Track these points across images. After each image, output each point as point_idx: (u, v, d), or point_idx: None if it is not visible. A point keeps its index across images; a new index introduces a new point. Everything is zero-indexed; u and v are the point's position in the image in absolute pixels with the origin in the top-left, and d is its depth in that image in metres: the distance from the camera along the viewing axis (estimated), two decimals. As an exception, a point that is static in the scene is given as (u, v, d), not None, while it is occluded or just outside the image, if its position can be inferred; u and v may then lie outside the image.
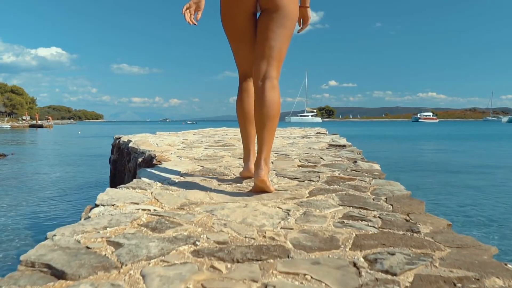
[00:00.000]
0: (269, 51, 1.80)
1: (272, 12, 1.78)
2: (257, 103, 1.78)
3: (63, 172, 8.08)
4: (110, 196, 1.60)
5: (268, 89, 1.76)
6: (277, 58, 1.82)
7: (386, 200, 1.74)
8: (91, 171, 8.06)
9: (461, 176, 7.63)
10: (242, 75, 2.03)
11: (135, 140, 3.61)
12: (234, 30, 1.90)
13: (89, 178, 7.01)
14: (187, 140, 3.94)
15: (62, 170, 8.47)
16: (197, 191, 1.79)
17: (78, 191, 5.95)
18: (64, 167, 8.88)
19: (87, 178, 7.11)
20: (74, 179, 7.16)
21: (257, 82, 1.81)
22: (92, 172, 7.79)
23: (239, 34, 1.90)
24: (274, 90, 1.78)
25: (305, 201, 1.67)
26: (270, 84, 1.77)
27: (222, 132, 5.87)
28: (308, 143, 3.90)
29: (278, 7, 1.76)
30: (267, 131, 1.75)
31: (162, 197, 1.66)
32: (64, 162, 10.11)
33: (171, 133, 5.88)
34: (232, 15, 1.86)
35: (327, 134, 5.35)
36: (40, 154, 12.72)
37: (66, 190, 6.00)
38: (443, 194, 5.78)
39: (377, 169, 2.45)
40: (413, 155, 11.33)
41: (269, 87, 1.77)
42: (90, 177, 7.11)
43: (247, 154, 2.06)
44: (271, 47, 1.80)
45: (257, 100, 1.79)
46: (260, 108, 1.75)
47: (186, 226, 1.30)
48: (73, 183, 6.74)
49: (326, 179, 2.12)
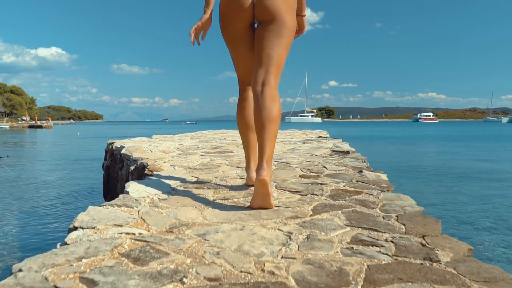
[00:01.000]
0: (267, 59, 1.81)
1: (268, 23, 1.81)
2: (256, 108, 1.76)
3: (57, 177, 7.89)
4: (91, 217, 1.44)
5: (267, 95, 1.75)
6: (275, 66, 1.82)
7: (397, 219, 1.58)
8: (86, 176, 7.86)
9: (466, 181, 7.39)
10: (242, 83, 2.03)
11: (128, 146, 3.45)
12: (233, 39, 1.91)
13: (83, 184, 6.82)
14: (183, 146, 3.77)
15: (56, 175, 8.27)
16: (189, 208, 1.63)
17: (70, 199, 5.73)
18: (59, 172, 8.68)
19: (81, 184, 6.91)
20: (67, 185, 6.96)
21: (255, 89, 1.80)
22: (87, 178, 7.58)
23: (238, 43, 1.91)
24: (274, 97, 1.77)
25: (308, 220, 1.51)
26: (269, 90, 1.76)
27: (220, 136, 5.71)
28: (309, 149, 3.73)
29: (275, 18, 1.79)
30: (267, 134, 1.71)
31: (150, 216, 1.50)
32: (59, 166, 9.91)
33: (168, 136, 5.72)
34: (230, 25, 1.87)
35: (329, 138, 5.19)
36: (36, 156, 12.53)
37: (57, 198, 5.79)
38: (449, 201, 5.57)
39: (385, 180, 2.29)
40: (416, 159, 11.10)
41: (267, 93, 1.76)
42: (84, 183, 6.91)
43: (249, 162, 2.04)
44: (268, 56, 1.81)
45: (256, 105, 1.77)
46: (260, 112, 1.74)
47: (174, 256, 1.14)
48: (66, 189, 6.54)
49: (330, 192, 1.96)
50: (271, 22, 1.80)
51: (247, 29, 1.89)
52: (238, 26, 1.87)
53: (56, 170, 9.03)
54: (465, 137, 26.00)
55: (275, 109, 1.75)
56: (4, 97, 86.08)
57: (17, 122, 67.74)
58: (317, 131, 7.57)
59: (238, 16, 1.84)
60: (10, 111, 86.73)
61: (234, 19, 1.85)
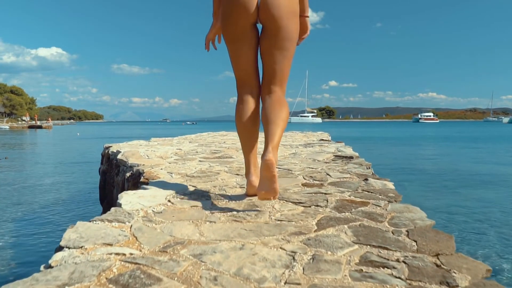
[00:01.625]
0: (273, 73, 1.90)
1: (273, 34, 1.83)
2: (264, 110, 1.86)
3: (54, 181, 7.71)
4: (79, 234, 1.33)
5: (274, 100, 1.88)
6: (281, 79, 1.92)
7: (408, 234, 1.47)
8: (83, 180, 7.66)
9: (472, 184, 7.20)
10: (241, 85, 1.98)
11: (125, 152, 3.34)
12: (234, 38, 1.88)
13: (80, 189, 6.65)
14: (181, 151, 3.67)
15: (53, 178, 8.10)
16: (185, 223, 1.53)
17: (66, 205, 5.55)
18: (56, 175, 8.51)
19: (78, 188, 6.74)
20: (64, 189, 6.79)
21: (264, 97, 1.92)
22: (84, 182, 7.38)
23: (239, 42, 1.89)
24: (281, 101, 1.88)
25: (313, 237, 1.40)
26: (276, 98, 1.89)
27: (219, 139, 5.60)
28: (311, 154, 3.63)
29: (279, 28, 1.80)
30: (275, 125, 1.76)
31: (143, 233, 1.39)
32: (57, 169, 9.74)
33: (166, 139, 5.61)
34: (233, 24, 1.84)
35: (331, 141, 5.08)
36: (34, 159, 12.37)
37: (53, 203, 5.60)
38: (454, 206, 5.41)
39: (391, 189, 2.18)
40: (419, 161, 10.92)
41: (275, 99, 1.88)
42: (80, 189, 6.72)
43: (248, 167, 1.98)
44: (274, 71, 1.89)
45: (264, 108, 1.88)
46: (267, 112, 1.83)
47: (166, 282, 1.03)
48: (63, 194, 6.37)
49: (335, 203, 1.86)
50: (276, 33, 1.82)
51: (250, 28, 1.86)
52: (241, 25, 1.83)
53: (53, 173, 8.87)
54: (467, 138, 25.84)
55: (283, 111, 1.84)
56: (4, 97, 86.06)
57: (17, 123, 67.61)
58: (318, 133, 7.47)
59: (241, 16, 1.81)
60: (10, 111, 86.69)
61: (237, 18, 1.82)
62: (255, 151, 2.00)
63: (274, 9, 1.76)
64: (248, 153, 1.97)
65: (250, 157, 1.97)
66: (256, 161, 1.99)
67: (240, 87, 1.98)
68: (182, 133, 7.40)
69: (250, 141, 1.97)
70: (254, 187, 1.89)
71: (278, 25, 1.79)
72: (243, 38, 1.86)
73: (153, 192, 1.95)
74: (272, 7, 1.76)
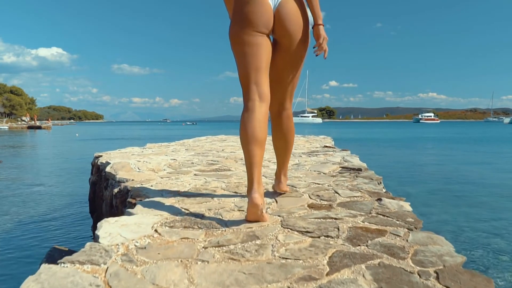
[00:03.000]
0: (284, 88, 2.03)
1: (286, 49, 1.89)
2: (276, 131, 2.13)
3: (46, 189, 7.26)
4: (41, 285, 1.09)
5: (285, 119, 2.10)
6: (291, 93, 2.08)
7: (438, 277, 1.23)
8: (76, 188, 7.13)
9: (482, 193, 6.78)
10: (246, 92, 1.85)
11: (114, 163, 3.10)
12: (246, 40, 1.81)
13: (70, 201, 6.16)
14: (176, 162, 3.41)
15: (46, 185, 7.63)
16: (172, 264, 1.28)
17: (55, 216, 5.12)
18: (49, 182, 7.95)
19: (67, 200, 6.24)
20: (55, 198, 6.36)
21: (273, 110, 2.08)
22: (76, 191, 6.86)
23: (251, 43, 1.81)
24: (289, 119, 2.11)
25: (325, 284, 1.16)
26: (286, 115, 2.10)
27: (218, 145, 5.35)
28: (316, 165, 3.38)
29: (293, 43, 1.87)
30: (285, 154, 2.19)
31: (119, 281, 1.15)
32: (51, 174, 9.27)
33: (162, 145, 5.37)
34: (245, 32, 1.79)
35: (335, 148, 4.83)
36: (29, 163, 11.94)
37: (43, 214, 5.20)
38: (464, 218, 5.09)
39: (409, 212, 1.94)
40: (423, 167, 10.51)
41: (285, 117, 2.10)
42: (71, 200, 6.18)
43: (251, 183, 1.72)
44: (286, 86, 2.02)
45: (275, 128, 2.12)
46: (280, 135, 2.13)
47: None
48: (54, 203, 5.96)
49: (348, 232, 1.61)
50: (290, 47, 1.88)
51: (263, 37, 1.83)
52: (255, 37, 1.81)
53: (47, 180, 8.43)
54: (470, 140, 25.46)
55: (292, 131, 2.13)
56: (4, 98, 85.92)
57: (17, 123, 67.36)
58: (321, 138, 7.23)
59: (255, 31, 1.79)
60: (10, 112, 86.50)
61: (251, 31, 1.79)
62: (260, 166, 1.77)
63: (289, 24, 1.81)
64: (252, 167, 1.73)
65: (254, 173, 1.73)
66: (260, 177, 1.76)
67: (246, 95, 1.83)
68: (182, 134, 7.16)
69: (255, 152, 1.75)
70: (256, 207, 1.67)
71: (293, 40, 1.85)
72: (256, 45, 1.81)
73: (139, 219, 1.70)
74: (286, 22, 1.81)
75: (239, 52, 1.83)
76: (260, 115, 1.78)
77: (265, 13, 1.76)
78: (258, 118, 1.77)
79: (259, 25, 1.77)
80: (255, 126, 1.75)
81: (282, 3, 1.80)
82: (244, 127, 1.76)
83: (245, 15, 1.77)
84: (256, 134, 1.74)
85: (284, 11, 1.80)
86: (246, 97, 1.83)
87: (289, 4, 1.81)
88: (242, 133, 1.77)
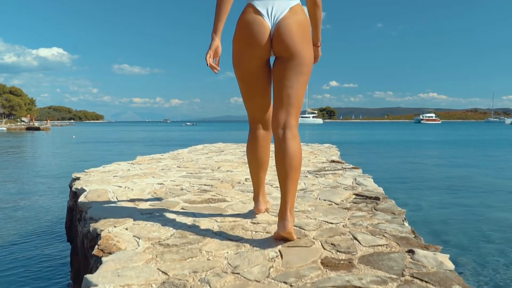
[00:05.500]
0: (287, 99, 1.81)
1: (287, 60, 1.79)
2: (279, 154, 1.78)
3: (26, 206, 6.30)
4: None
5: (290, 139, 1.77)
6: (295, 106, 1.82)
7: None
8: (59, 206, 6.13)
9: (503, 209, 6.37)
10: (252, 120, 2.01)
11: (89, 191, 2.65)
12: (246, 74, 1.88)
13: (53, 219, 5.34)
14: (163, 187, 2.95)
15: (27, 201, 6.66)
16: None
17: (30, 241, 4.37)
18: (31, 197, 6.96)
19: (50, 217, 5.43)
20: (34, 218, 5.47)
21: (276, 130, 1.81)
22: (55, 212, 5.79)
23: (251, 78, 1.88)
24: (295, 140, 1.79)
25: None
26: (291, 134, 1.79)
27: (214, 161, 4.89)
28: (325, 190, 2.93)
29: (293, 55, 1.77)
30: (291, 182, 1.76)
31: None
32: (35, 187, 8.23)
33: (154, 158, 4.91)
34: (245, 62, 1.84)
35: (343, 163, 4.36)
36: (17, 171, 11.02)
37: (17, 238, 4.48)
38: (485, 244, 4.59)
39: (451, 271, 1.50)
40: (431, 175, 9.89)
41: (290, 137, 1.78)
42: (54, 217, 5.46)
43: (257, 196, 2.17)
44: (289, 96, 1.80)
45: (278, 150, 1.79)
46: (283, 159, 1.76)
47: None
48: (31, 224, 5.10)
49: (381, 320, 1.16)
50: (290, 59, 1.78)
51: (263, 66, 1.86)
52: (254, 63, 1.83)
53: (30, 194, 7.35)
54: (475, 143, 24.83)
55: (298, 154, 1.77)
56: (3, 98, 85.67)
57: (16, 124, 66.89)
58: (325, 147, 6.77)
59: (255, 53, 1.80)
60: (9, 112, 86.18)
61: (250, 55, 1.81)
62: (264, 180, 2.13)
63: (287, 38, 1.75)
64: (258, 185, 2.11)
65: (260, 189, 2.13)
66: (264, 189, 2.19)
67: (252, 123, 2.01)
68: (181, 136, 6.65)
69: (260, 174, 2.06)
70: (262, 210, 2.19)
71: (293, 52, 1.77)
72: (257, 76, 1.85)
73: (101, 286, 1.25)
74: (284, 37, 1.75)
75: (241, 84, 1.92)
76: (266, 139, 2.02)
77: (262, 35, 1.76)
78: (263, 142, 2.01)
79: (258, 55, 1.80)
80: (261, 151, 2.02)
81: (280, 21, 1.76)
82: (252, 153, 2.03)
83: (243, 48, 1.81)
84: (262, 158, 2.03)
85: (282, 29, 1.75)
86: (252, 123, 2.02)
87: (288, 21, 1.76)
88: (250, 158, 2.04)
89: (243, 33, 1.79)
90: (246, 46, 1.79)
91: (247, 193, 2.74)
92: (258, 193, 2.14)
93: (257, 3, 1.78)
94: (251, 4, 1.80)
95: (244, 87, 1.92)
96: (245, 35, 1.77)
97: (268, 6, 1.76)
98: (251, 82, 1.87)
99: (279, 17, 1.75)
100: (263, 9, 1.76)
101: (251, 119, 2.01)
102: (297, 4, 1.80)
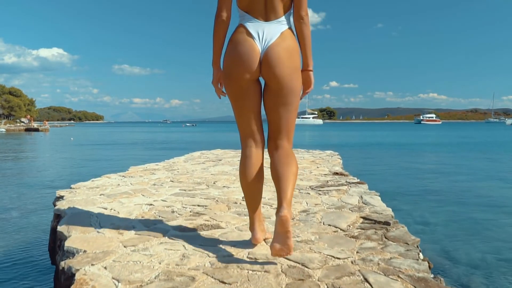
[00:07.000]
0: (279, 128, 1.90)
1: (275, 92, 1.84)
2: (273, 168, 1.85)
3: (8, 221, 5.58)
4: None
5: (283, 157, 1.86)
6: (287, 132, 1.91)
7: None
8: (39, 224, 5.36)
9: None
10: (244, 138, 1.98)
11: (70, 216, 2.42)
12: (237, 95, 1.88)
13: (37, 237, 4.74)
14: (152, 208, 2.71)
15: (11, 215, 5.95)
16: None
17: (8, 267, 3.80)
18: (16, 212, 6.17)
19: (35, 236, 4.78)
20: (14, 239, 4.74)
21: (271, 152, 1.95)
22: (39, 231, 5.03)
23: (240, 94, 1.88)
24: (288, 157, 1.86)
25: None
26: (284, 153, 1.88)
27: (210, 173, 4.65)
28: (329, 212, 2.70)
29: (282, 88, 1.82)
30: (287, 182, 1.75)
31: None
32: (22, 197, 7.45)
33: (147, 169, 4.67)
34: (235, 81, 1.84)
35: (348, 176, 4.12)
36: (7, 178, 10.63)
37: None
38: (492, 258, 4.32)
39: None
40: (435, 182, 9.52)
41: (283, 155, 1.87)
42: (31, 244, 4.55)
43: (253, 223, 2.04)
44: (280, 125, 1.89)
45: (273, 165, 1.87)
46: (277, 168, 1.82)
47: None
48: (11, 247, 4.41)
49: None
50: (279, 91, 1.82)
51: (253, 83, 1.87)
52: (244, 80, 1.83)
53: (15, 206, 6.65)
54: (478, 145, 24.42)
55: (293, 165, 1.82)
56: (2, 99, 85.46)
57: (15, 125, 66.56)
58: (327, 155, 6.53)
59: (244, 72, 1.81)
60: (8, 113, 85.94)
61: (241, 73, 1.81)
62: (260, 206, 2.02)
63: (276, 67, 1.77)
64: (253, 210, 2.00)
65: (255, 214, 2.01)
66: (260, 216, 2.06)
67: (244, 141, 1.97)
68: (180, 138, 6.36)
69: (254, 198, 1.98)
70: (259, 240, 2.01)
71: (281, 83, 1.80)
72: (247, 94, 1.86)
73: None
74: (274, 65, 1.77)
75: (232, 103, 1.92)
76: (258, 160, 1.94)
77: (252, 58, 1.77)
78: (255, 164, 1.92)
79: (246, 74, 1.79)
80: (254, 172, 1.91)
81: (271, 47, 1.77)
82: (244, 173, 1.92)
83: (232, 67, 1.81)
84: (255, 179, 1.92)
85: (272, 55, 1.76)
86: (243, 143, 1.96)
87: (278, 47, 1.77)
88: (242, 178, 1.94)
89: (234, 52, 1.80)
90: (236, 65, 1.80)
91: (244, 217, 2.50)
92: (254, 221, 2.03)
93: (249, 25, 1.80)
94: (243, 25, 1.82)
95: (234, 102, 1.92)
96: (236, 55, 1.79)
97: (259, 30, 1.78)
98: (240, 97, 1.88)
99: (269, 42, 1.77)
100: (254, 32, 1.78)
101: (243, 136, 1.96)
102: (286, 29, 1.81)
